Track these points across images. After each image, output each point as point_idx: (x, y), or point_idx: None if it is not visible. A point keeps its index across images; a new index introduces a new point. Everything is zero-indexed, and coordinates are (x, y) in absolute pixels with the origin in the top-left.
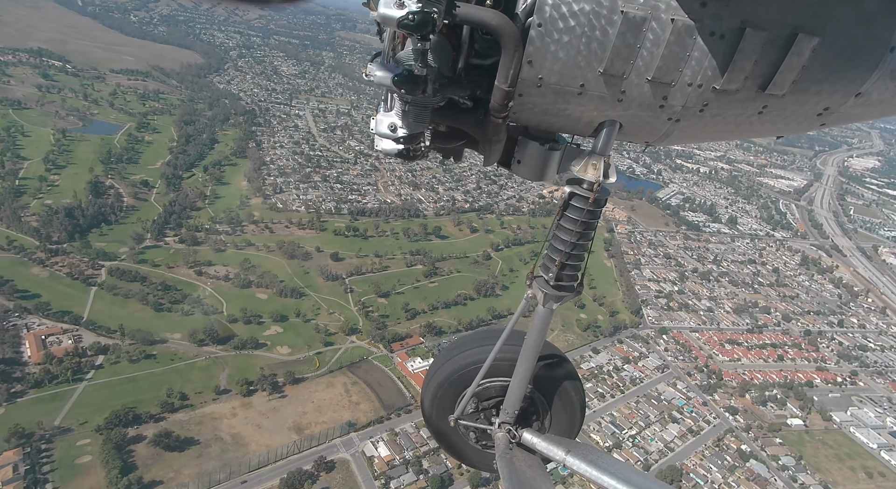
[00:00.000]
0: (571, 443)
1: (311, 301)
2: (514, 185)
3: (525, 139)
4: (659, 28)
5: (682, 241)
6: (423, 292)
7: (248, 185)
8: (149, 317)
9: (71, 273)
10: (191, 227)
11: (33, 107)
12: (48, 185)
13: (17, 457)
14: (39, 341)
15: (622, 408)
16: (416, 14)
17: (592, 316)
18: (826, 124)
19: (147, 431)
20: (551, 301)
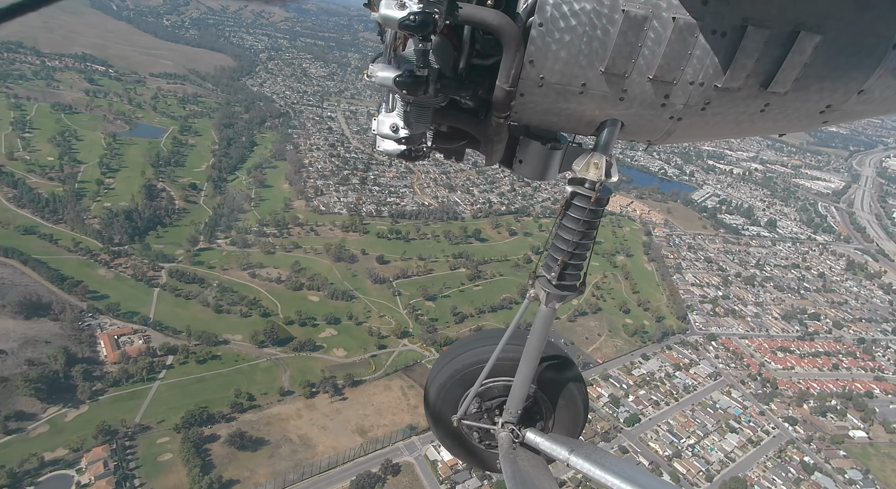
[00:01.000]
0: (575, 443)
1: (361, 304)
2: (548, 187)
3: (527, 139)
4: (660, 26)
5: (722, 245)
6: (468, 296)
7: (289, 187)
8: (210, 319)
9: (135, 274)
10: (240, 229)
11: (83, 111)
12: (105, 189)
13: (105, 454)
14: (113, 341)
15: (678, 417)
16: (418, 15)
17: (638, 321)
18: (828, 122)
19: (220, 431)
20: (554, 301)
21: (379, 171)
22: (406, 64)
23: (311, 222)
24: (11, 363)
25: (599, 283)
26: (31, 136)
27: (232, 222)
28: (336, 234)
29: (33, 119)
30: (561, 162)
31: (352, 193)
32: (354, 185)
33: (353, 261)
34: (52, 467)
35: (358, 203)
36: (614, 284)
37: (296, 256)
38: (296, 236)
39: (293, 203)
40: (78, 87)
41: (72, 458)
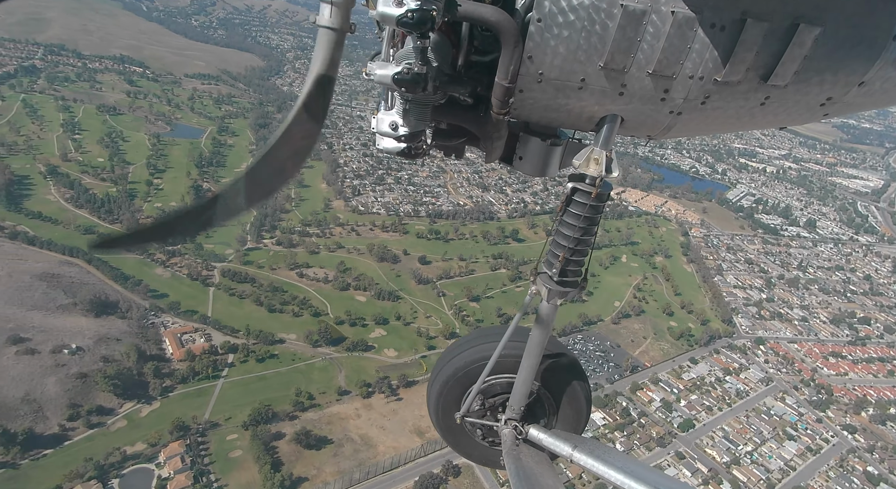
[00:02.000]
0: (578, 439)
1: (407, 304)
2: None
3: (526, 135)
4: (659, 21)
5: (762, 246)
6: (511, 297)
7: (327, 187)
8: (264, 318)
9: (190, 274)
10: (284, 229)
11: (126, 112)
12: (155, 189)
13: (181, 449)
14: (177, 339)
15: (733, 423)
16: (415, 12)
17: (683, 324)
18: (829, 114)
19: (285, 429)
20: (555, 297)
21: (412, 170)
22: (404, 61)
23: (352, 222)
24: (89, 359)
25: (641, 285)
26: (81, 137)
27: (276, 222)
28: (377, 234)
29: (81, 121)
30: (561, 158)
31: (388, 193)
32: (390, 184)
33: (396, 262)
34: (133, 461)
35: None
36: (655, 286)
37: (340, 256)
38: (338, 236)
39: (332, 203)
40: (119, 88)
41: (150, 453)
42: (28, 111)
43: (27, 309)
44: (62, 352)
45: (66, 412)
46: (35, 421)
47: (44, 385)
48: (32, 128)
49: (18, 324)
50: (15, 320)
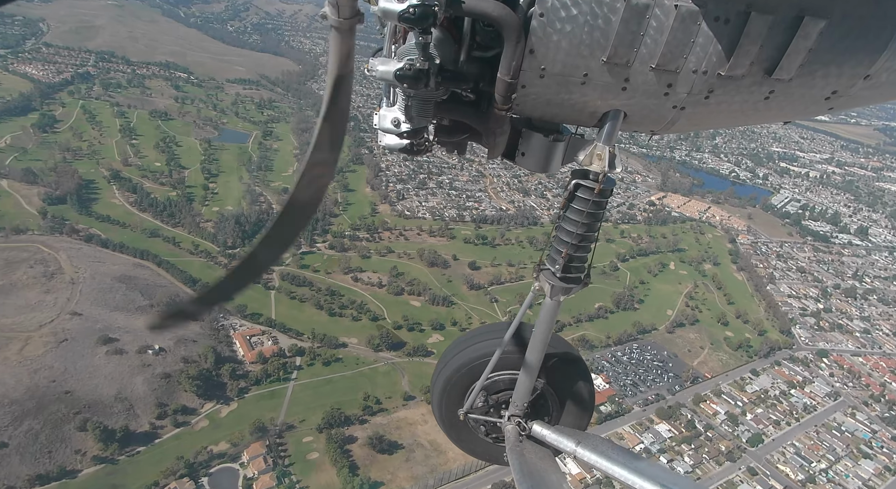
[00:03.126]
0: (582, 435)
1: (461, 310)
2: (620, 192)
3: (529, 131)
4: (662, 14)
5: (813, 254)
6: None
7: (371, 191)
8: (325, 321)
9: None
10: (335, 233)
11: (176, 117)
12: (211, 193)
13: (262, 450)
14: (246, 341)
15: (803, 439)
16: (417, 7)
17: (740, 334)
18: (834, 108)
19: (356, 432)
20: (559, 293)
21: (452, 174)
22: (406, 57)
23: (399, 227)
24: (170, 360)
25: (692, 293)
26: (138, 142)
27: (327, 226)
28: (424, 239)
29: (136, 126)
30: (564, 154)
31: (432, 198)
32: (432, 189)
33: (446, 267)
34: (219, 460)
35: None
36: (707, 295)
37: (391, 261)
38: (387, 240)
39: (378, 207)
40: (167, 94)
41: (233, 452)
42: (87, 117)
43: (111, 310)
44: (147, 352)
45: (155, 411)
46: (128, 418)
47: (133, 384)
48: (93, 133)
49: (106, 325)
50: (102, 321)
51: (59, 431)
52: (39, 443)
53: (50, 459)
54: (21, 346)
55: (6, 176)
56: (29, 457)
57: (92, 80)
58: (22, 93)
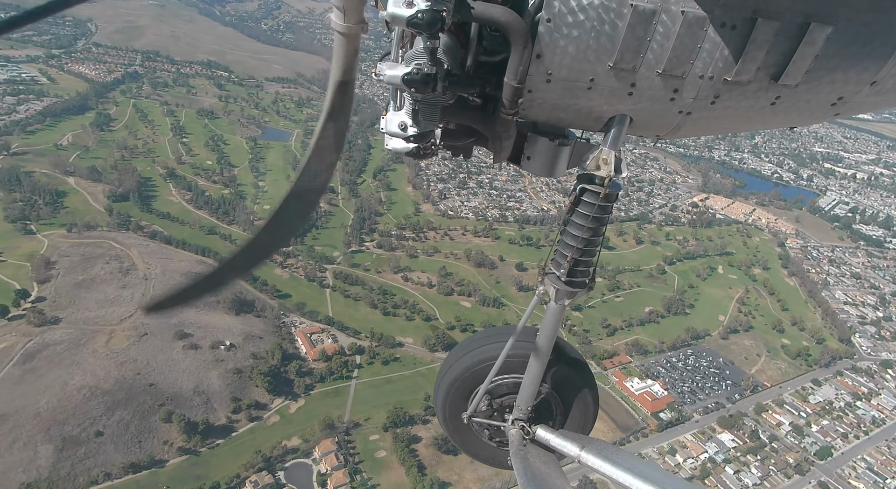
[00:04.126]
0: (586, 439)
1: (511, 311)
2: (661, 193)
3: (535, 135)
4: (669, 20)
5: (866, 259)
6: (611, 307)
7: (413, 191)
8: (380, 320)
9: (307, 275)
10: (382, 232)
11: (221, 116)
12: (261, 191)
13: (333, 446)
14: (308, 338)
15: (874, 453)
16: (425, 13)
17: (797, 342)
18: (840, 114)
19: (420, 432)
20: (564, 297)
21: (492, 174)
22: (414, 62)
23: (444, 227)
24: (240, 356)
25: (744, 299)
26: (188, 141)
27: (373, 225)
28: (469, 240)
29: (185, 124)
30: (569, 158)
31: (473, 198)
32: (473, 188)
33: (493, 268)
34: (292, 455)
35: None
36: (759, 300)
37: (438, 261)
38: (432, 240)
39: (421, 207)
40: (211, 92)
41: (305, 448)
42: (139, 115)
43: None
44: (219, 347)
45: (230, 405)
46: (206, 411)
47: (208, 378)
48: (146, 131)
49: (179, 321)
50: (176, 316)
51: (147, 422)
52: (130, 432)
53: (140, 448)
54: (107, 339)
55: (73, 173)
56: (122, 445)
57: (140, 79)
58: (78, 92)
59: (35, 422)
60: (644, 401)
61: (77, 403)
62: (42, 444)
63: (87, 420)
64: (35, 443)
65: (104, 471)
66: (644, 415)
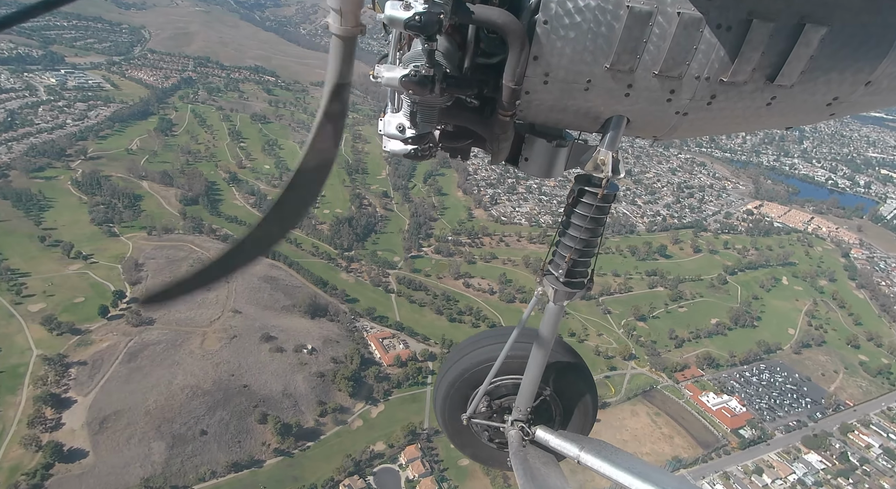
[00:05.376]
0: (585, 440)
1: (574, 320)
2: (713, 199)
3: (532, 136)
4: (665, 21)
5: None
6: (676, 317)
7: (464, 196)
8: (446, 327)
9: (371, 280)
10: (438, 238)
11: (272, 120)
12: (319, 196)
13: (418, 453)
14: (380, 343)
15: None
16: (423, 15)
17: (876, 359)
18: (836, 114)
19: None
20: (562, 298)
21: (539, 179)
22: (412, 64)
23: (498, 232)
24: (322, 360)
25: (813, 312)
26: (246, 145)
27: (429, 230)
28: (524, 246)
29: (241, 129)
30: (567, 159)
31: (524, 203)
32: (523, 193)
33: None
34: (378, 460)
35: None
36: (829, 313)
37: (496, 267)
38: (488, 246)
39: (474, 212)
40: (260, 97)
41: (390, 454)
42: (198, 120)
43: (262, 308)
44: (302, 351)
45: (317, 408)
46: (295, 414)
47: (295, 381)
48: (206, 136)
49: (263, 323)
50: (259, 319)
51: (244, 423)
52: (230, 432)
53: (240, 448)
54: (201, 341)
55: (146, 177)
56: (224, 444)
57: (195, 84)
58: (140, 98)
59: (147, 420)
60: (722, 416)
61: (182, 402)
62: (154, 441)
63: (191, 419)
64: (148, 440)
65: (210, 468)
66: (724, 432)
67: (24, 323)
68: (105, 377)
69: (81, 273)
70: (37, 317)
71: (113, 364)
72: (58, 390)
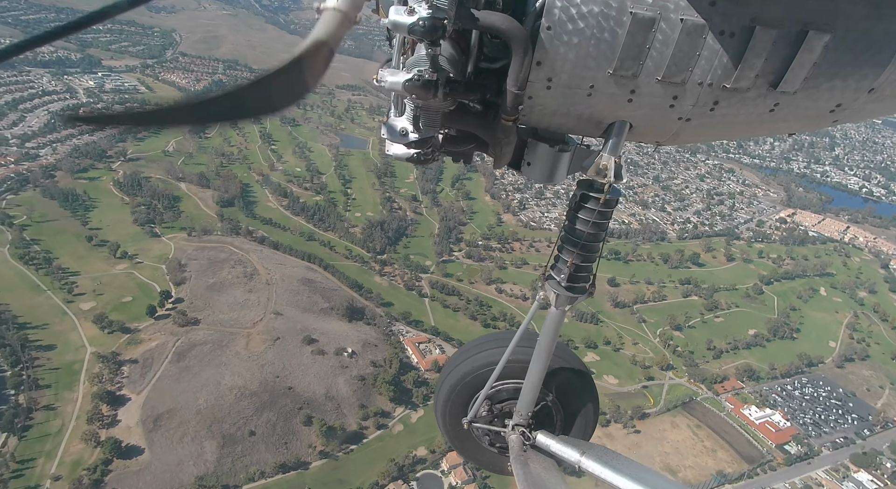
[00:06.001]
0: (586, 445)
1: (609, 329)
2: (743, 207)
3: (535, 141)
4: (668, 28)
5: None
6: (712, 328)
7: (492, 200)
8: (481, 332)
9: (405, 284)
10: (468, 242)
11: (301, 123)
12: (350, 199)
13: (460, 459)
14: (417, 348)
15: None
16: (427, 20)
17: None
18: (839, 121)
19: None
20: (564, 303)
21: (566, 185)
22: (415, 68)
23: (528, 238)
24: (362, 363)
25: (854, 324)
26: (277, 148)
27: (458, 235)
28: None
29: (271, 132)
30: (569, 164)
31: (553, 209)
32: (550, 199)
33: None
34: (421, 465)
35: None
36: (871, 326)
37: (527, 272)
38: (518, 251)
39: (503, 217)
40: None
41: (432, 459)
42: None
43: (302, 311)
44: (342, 354)
45: (359, 412)
46: (338, 417)
47: (336, 384)
48: (238, 139)
49: (304, 326)
50: (300, 321)
51: (290, 424)
52: (277, 433)
53: (286, 450)
54: (246, 342)
55: (183, 179)
56: (271, 445)
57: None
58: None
59: (198, 419)
60: (766, 431)
61: (230, 403)
62: (206, 440)
63: (240, 419)
64: (200, 439)
65: (259, 469)
66: (768, 447)
67: (77, 321)
68: (156, 376)
69: (128, 272)
70: (89, 316)
71: (163, 363)
72: (112, 387)
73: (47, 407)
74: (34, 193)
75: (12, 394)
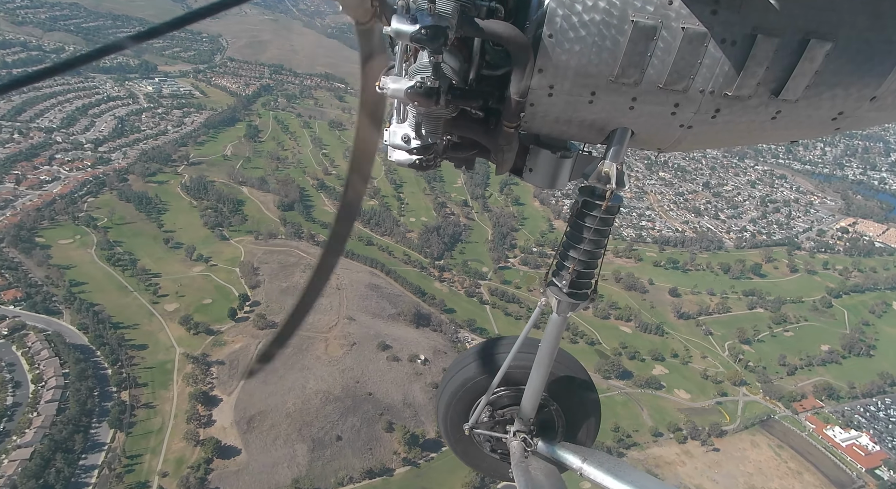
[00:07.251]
0: (588, 452)
1: (674, 340)
2: (800, 215)
3: (537, 147)
4: (670, 36)
5: None
6: (781, 342)
7: (541, 206)
8: None
9: (466, 290)
10: (523, 249)
11: (347, 127)
12: (402, 203)
13: None
14: None
15: None
16: (429, 28)
17: None
18: (841, 129)
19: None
20: (566, 309)
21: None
22: (418, 76)
23: None
24: (434, 370)
25: None
26: (328, 152)
27: (512, 241)
28: (611, 260)
29: (321, 136)
30: (571, 170)
31: None
32: None
33: (644, 292)
34: None
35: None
36: None
37: None
38: None
39: (554, 223)
40: (334, 104)
41: None
42: (281, 127)
43: (372, 316)
44: (416, 361)
45: (435, 420)
46: (416, 424)
47: (412, 391)
48: (290, 143)
49: (377, 332)
50: (372, 327)
51: (373, 430)
52: (361, 439)
53: (371, 455)
54: (324, 347)
55: (244, 183)
56: (357, 451)
57: (273, 91)
58: (227, 105)
59: (288, 422)
60: (855, 454)
61: (317, 407)
62: (297, 443)
63: (327, 424)
64: (292, 442)
65: (347, 474)
66: (858, 472)
67: (164, 322)
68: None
69: (204, 275)
70: (174, 317)
71: (249, 365)
72: (204, 388)
73: (146, 405)
74: (111, 196)
75: (114, 391)
